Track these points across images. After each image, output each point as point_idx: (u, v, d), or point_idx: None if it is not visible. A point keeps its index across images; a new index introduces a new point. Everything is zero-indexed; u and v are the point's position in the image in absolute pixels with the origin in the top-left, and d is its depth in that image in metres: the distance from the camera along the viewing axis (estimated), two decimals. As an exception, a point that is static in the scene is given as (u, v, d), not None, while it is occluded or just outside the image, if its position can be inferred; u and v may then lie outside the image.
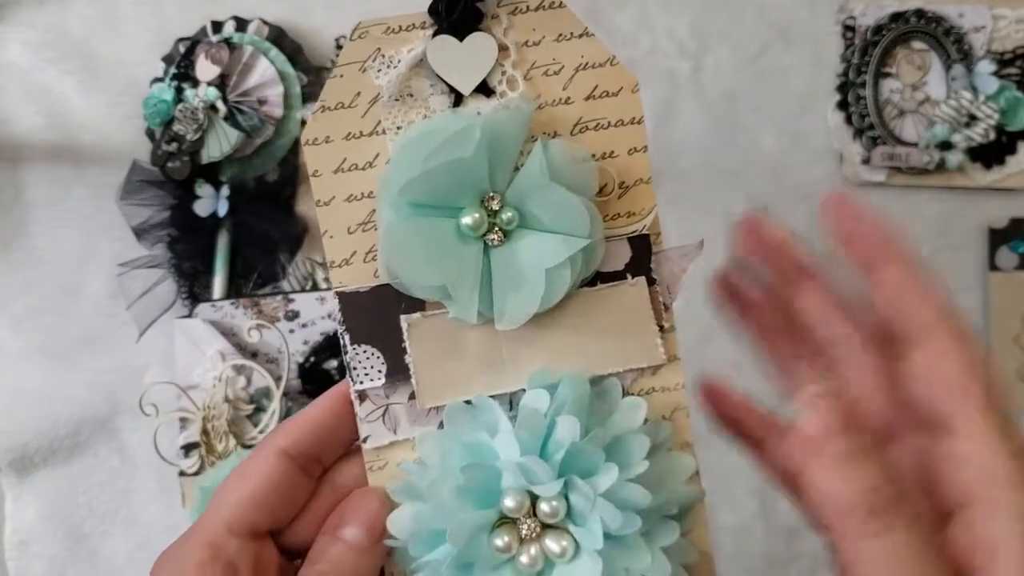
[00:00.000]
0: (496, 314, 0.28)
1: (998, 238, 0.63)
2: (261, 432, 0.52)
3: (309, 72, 0.60)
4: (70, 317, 0.61)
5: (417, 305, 0.29)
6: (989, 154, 0.62)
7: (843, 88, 0.63)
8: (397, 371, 0.29)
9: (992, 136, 0.61)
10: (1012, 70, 0.62)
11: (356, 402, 0.29)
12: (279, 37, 0.60)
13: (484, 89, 0.28)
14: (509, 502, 0.27)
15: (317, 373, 0.56)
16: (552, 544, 0.27)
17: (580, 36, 0.28)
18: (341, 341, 0.29)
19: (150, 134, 0.60)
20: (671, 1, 0.63)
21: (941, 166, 0.62)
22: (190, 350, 0.54)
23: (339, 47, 0.61)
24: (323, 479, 0.30)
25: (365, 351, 0.29)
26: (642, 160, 0.29)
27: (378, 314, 0.29)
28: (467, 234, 0.27)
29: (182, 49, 0.60)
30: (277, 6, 0.61)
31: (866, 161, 0.62)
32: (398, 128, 0.28)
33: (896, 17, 0.63)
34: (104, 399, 0.60)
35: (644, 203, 0.29)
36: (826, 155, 0.63)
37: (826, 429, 0.24)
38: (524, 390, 0.29)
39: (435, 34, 0.28)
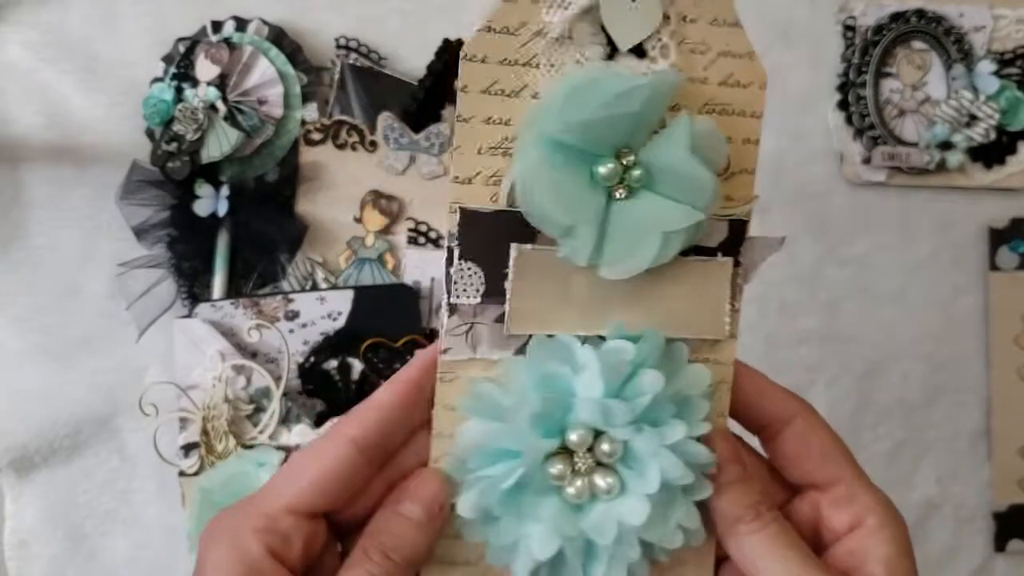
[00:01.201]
0: (604, 262, 0.29)
1: (998, 238, 0.63)
2: (261, 432, 0.52)
3: (309, 72, 0.60)
4: (70, 317, 0.61)
5: (529, 237, 0.30)
6: (989, 154, 0.62)
7: (843, 88, 0.63)
8: (493, 293, 0.30)
9: (992, 136, 0.61)
10: (1012, 70, 0.62)
11: (445, 314, 0.31)
12: (279, 37, 0.60)
13: (638, 50, 0.30)
14: (574, 436, 0.29)
15: (317, 373, 0.56)
16: (600, 481, 0.29)
17: (731, 25, 0.31)
18: (448, 255, 0.30)
19: (150, 134, 0.60)
20: (671, 1, 0.63)
21: (941, 166, 0.62)
22: (190, 350, 0.54)
23: (339, 47, 0.61)
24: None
25: (470, 268, 0.30)
26: (752, 152, 0.31)
27: (491, 237, 0.30)
28: (597, 182, 0.29)
29: (182, 49, 0.60)
30: (277, 6, 0.61)
31: (866, 161, 0.62)
32: (551, 65, 0.29)
33: (896, 17, 0.63)
34: (104, 399, 0.60)
35: (743, 191, 0.31)
36: (826, 155, 0.63)
37: (723, 460, 0.30)
38: (601, 337, 0.30)
39: None
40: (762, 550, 0.30)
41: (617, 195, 0.29)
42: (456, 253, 0.30)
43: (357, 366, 0.56)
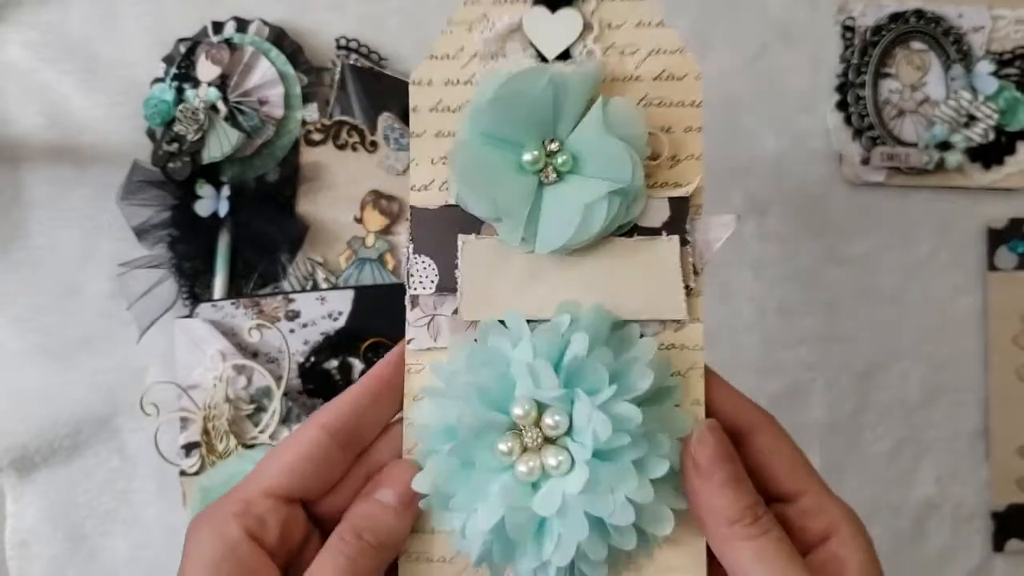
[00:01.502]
0: (537, 241, 0.31)
1: (997, 238, 0.63)
2: (261, 432, 0.52)
3: (309, 72, 0.60)
4: (70, 317, 0.61)
5: (474, 228, 0.32)
6: (988, 154, 0.62)
7: (842, 88, 0.63)
8: (447, 284, 0.32)
9: (991, 136, 0.61)
10: (1011, 70, 0.62)
11: (408, 307, 0.33)
12: (280, 37, 0.60)
13: (565, 57, 0.33)
14: (518, 409, 0.30)
15: (317, 373, 0.56)
16: (550, 458, 0.30)
17: (657, 25, 0.33)
18: (406, 251, 0.33)
19: (151, 134, 0.60)
20: (671, 1, 0.63)
21: (940, 166, 0.62)
22: (191, 350, 0.54)
23: (339, 47, 0.61)
24: (360, 455, 0.33)
25: (424, 261, 0.33)
26: (695, 139, 0.33)
27: (441, 231, 0.32)
28: (525, 168, 0.31)
29: (183, 49, 0.60)
30: (278, 6, 0.61)
31: (865, 161, 0.62)
32: None
33: (895, 17, 0.63)
34: (104, 399, 0.60)
35: (691, 176, 0.33)
36: (826, 155, 0.63)
37: (715, 457, 0.30)
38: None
39: (534, 4, 0.32)
40: (761, 557, 0.29)
41: (547, 179, 0.31)
42: (411, 248, 0.33)
43: (357, 366, 0.56)
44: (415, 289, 0.33)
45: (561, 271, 0.32)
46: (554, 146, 0.31)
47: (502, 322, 0.32)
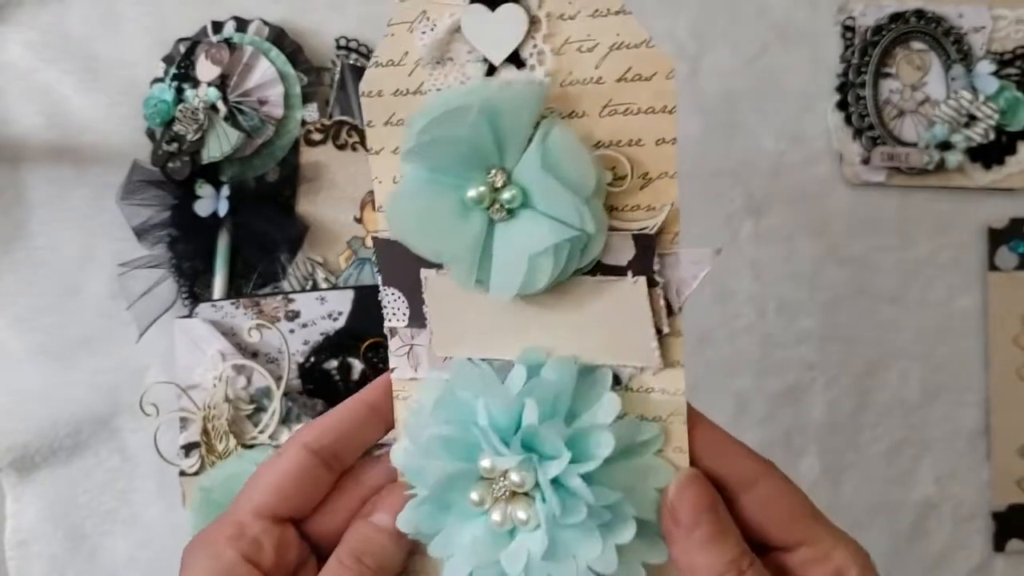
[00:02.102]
0: (491, 285, 0.28)
1: (998, 238, 0.63)
2: (261, 432, 0.52)
3: (309, 72, 0.60)
4: (70, 317, 0.61)
5: (436, 263, 0.29)
6: (989, 154, 0.62)
7: (843, 88, 0.63)
8: (417, 317, 0.31)
9: (992, 136, 0.61)
10: (1012, 70, 0.62)
11: (388, 335, 0.32)
12: (279, 37, 0.60)
13: (516, 60, 0.28)
14: (485, 463, 0.28)
15: (317, 373, 0.56)
16: (520, 512, 0.28)
17: (616, 13, 0.27)
18: (377, 279, 0.31)
19: (150, 134, 0.60)
20: (670, 1, 0.63)
21: (941, 166, 0.62)
22: (190, 350, 0.54)
23: (339, 47, 0.61)
24: (350, 476, 0.33)
25: (393, 294, 0.31)
26: (669, 152, 0.27)
27: (405, 262, 0.30)
28: (469, 206, 0.28)
29: (182, 49, 0.60)
30: (277, 6, 0.61)
31: (866, 161, 0.62)
32: (437, 90, 0.29)
33: (896, 17, 0.63)
34: (104, 399, 0.60)
35: (664, 198, 0.28)
36: (826, 155, 0.63)
37: (696, 510, 0.28)
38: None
39: (472, 2, 0.28)
40: None
41: (496, 216, 0.27)
42: (380, 279, 0.31)
43: (357, 366, 0.56)
44: (390, 321, 0.31)
45: (526, 310, 0.29)
46: (499, 180, 0.27)
47: (471, 359, 0.30)
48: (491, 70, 0.29)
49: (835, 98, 0.63)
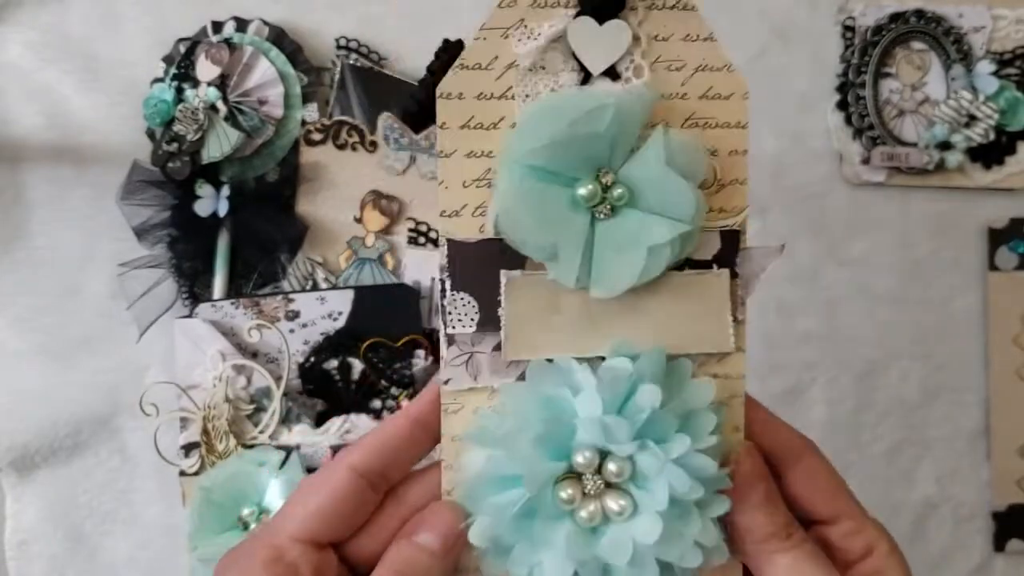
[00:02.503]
0: (593, 281, 0.30)
1: (998, 238, 0.63)
2: (261, 432, 0.52)
3: (309, 72, 0.60)
4: (70, 317, 0.61)
5: (518, 264, 0.30)
6: (989, 154, 0.62)
7: (843, 88, 0.63)
8: (488, 322, 0.31)
9: (992, 136, 0.61)
10: (1011, 70, 0.62)
11: (443, 345, 0.31)
12: (279, 37, 0.60)
13: (611, 73, 0.30)
14: (580, 458, 0.29)
15: (317, 373, 0.56)
16: (612, 503, 0.29)
17: (705, 40, 0.31)
18: (441, 286, 0.31)
19: (150, 134, 0.60)
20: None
21: (941, 166, 0.62)
22: (190, 350, 0.54)
23: (339, 47, 0.61)
24: (390, 496, 0.32)
25: (463, 298, 0.31)
26: (741, 162, 0.32)
27: (480, 266, 0.30)
28: (579, 204, 0.29)
29: (182, 49, 0.60)
30: (277, 6, 0.61)
31: (866, 161, 0.62)
32: (526, 96, 0.30)
33: (896, 17, 0.63)
34: (104, 399, 0.60)
35: (737, 202, 0.32)
36: (826, 155, 0.63)
37: (750, 477, 0.30)
38: (603, 358, 0.30)
39: (577, 15, 0.30)
40: (797, 568, 0.30)
41: (600, 215, 0.29)
42: (448, 284, 0.30)
43: (357, 366, 0.56)
44: (453, 328, 0.31)
45: (610, 307, 0.30)
46: (608, 179, 0.29)
47: (549, 360, 0.30)
48: (584, 80, 0.30)
49: (835, 98, 0.63)
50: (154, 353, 0.59)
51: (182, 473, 0.53)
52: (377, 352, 0.56)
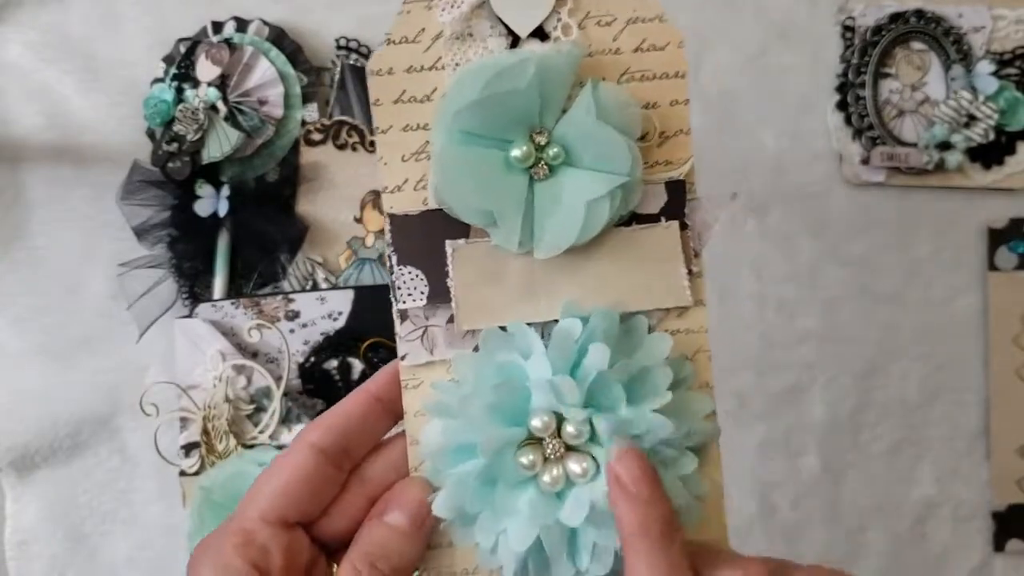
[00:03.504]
0: (536, 242, 0.29)
1: (997, 238, 0.63)
2: (261, 432, 0.52)
3: (309, 72, 0.60)
4: (70, 317, 0.61)
5: (462, 232, 0.30)
6: (988, 154, 0.62)
7: (842, 88, 0.63)
8: (438, 294, 0.30)
9: (991, 136, 0.61)
10: (1011, 70, 0.62)
11: (397, 321, 0.31)
12: (279, 37, 0.60)
13: (540, 33, 0.30)
14: (536, 422, 0.29)
15: (317, 373, 0.56)
16: (574, 465, 0.29)
17: None
18: (388, 262, 0.31)
19: (150, 134, 0.60)
20: (670, 1, 0.63)
21: (940, 166, 0.62)
22: (190, 350, 0.54)
23: (339, 47, 0.61)
24: (355, 473, 0.32)
25: (410, 272, 0.31)
26: (682, 112, 0.31)
27: (425, 238, 0.30)
28: (514, 165, 0.29)
29: (182, 49, 0.60)
30: (277, 6, 0.61)
31: (865, 161, 0.62)
32: (456, 64, 0.30)
33: (895, 17, 0.63)
34: (104, 399, 0.60)
35: (681, 153, 0.31)
36: (826, 155, 0.63)
37: (634, 477, 0.28)
38: (556, 321, 0.30)
39: None
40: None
41: (538, 176, 0.29)
42: (394, 259, 0.30)
43: (357, 366, 0.56)
44: (403, 302, 0.30)
45: (559, 269, 0.30)
46: (542, 138, 0.29)
47: (503, 327, 0.30)
48: (513, 44, 0.30)
49: (835, 98, 0.63)
50: (154, 353, 0.59)
51: (182, 473, 0.53)
52: (377, 352, 0.56)
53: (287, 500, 0.30)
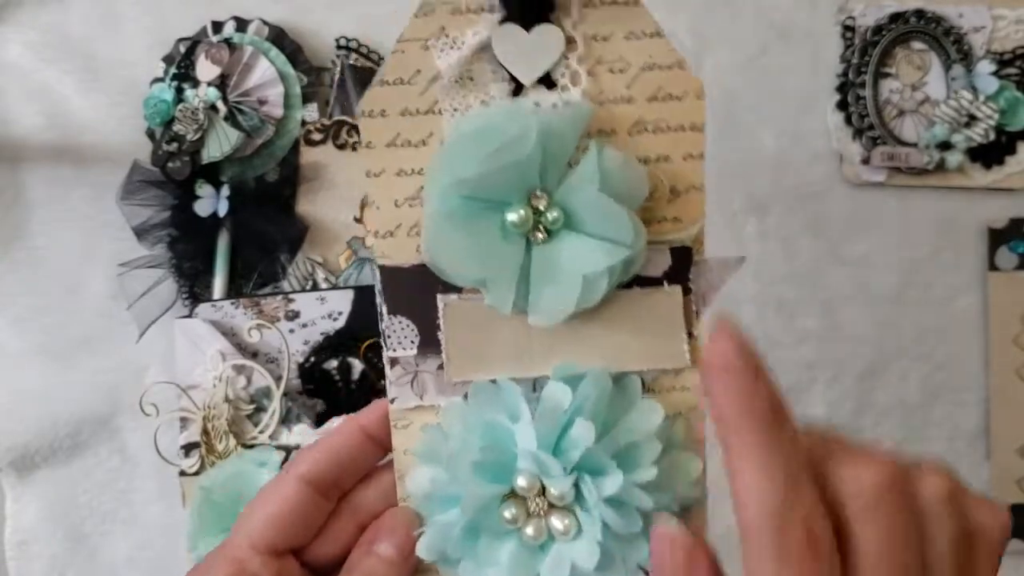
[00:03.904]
0: (530, 309, 0.28)
1: (998, 238, 0.63)
2: (261, 432, 0.52)
3: (309, 72, 0.60)
4: (70, 317, 0.61)
5: (455, 287, 0.29)
6: (989, 154, 0.62)
7: (843, 88, 0.63)
8: (429, 344, 0.30)
9: (992, 136, 0.61)
10: (1012, 70, 0.62)
11: (387, 366, 0.30)
12: (279, 37, 0.60)
13: (546, 81, 0.28)
14: (522, 482, 0.28)
15: (317, 373, 0.56)
16: (557, 522, 0.28)
17: (651, 36, 0.28)
18: (379, 310, 0.30)
19: (150, 134, 0.60)
20: (670, 1, 0.63)
21: (941, 166, 0.62)
22: (190, 350, 0.54)
23: (339, 47, 0.61)
24: (345, 500, 0.32)
25: (400, 322, 0.30)
26: (696, 167, 0.29)
27: (416, 290, 0.29)
28: (511, 230, 0.28)
29: (182, 49, 0.60)
30: (277, 6, 0.61)
31: (866, 161, 0.62)
32: (455, 110, 0.28)
33: (896, 17, 0.63)
34: (104, 399, 0.60)
35: (693, 211, 0.29)
36: (826, 155, 0.63)
37: (731, 356, 0.28)
38: (548, 377, 0.29)
39: (502, 21, 0.28)
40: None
41: (536, 239, 0.28)
42: (384, 309, 0.30)
43: (357, 366, 0.56)
44: (394, 351, 0.30)
45: (554, 328, 0.29)
46: (541, 202, 0.27)
47: (494, 380, 0.30)
48: (517, 90, 0.28)
49: (835, 98, 0.63)
50: (154, 353, 0.59)
51: (182, 473, 0.53)
52: (377, 352, 0.56)
53: (276, 530, 0.31)
